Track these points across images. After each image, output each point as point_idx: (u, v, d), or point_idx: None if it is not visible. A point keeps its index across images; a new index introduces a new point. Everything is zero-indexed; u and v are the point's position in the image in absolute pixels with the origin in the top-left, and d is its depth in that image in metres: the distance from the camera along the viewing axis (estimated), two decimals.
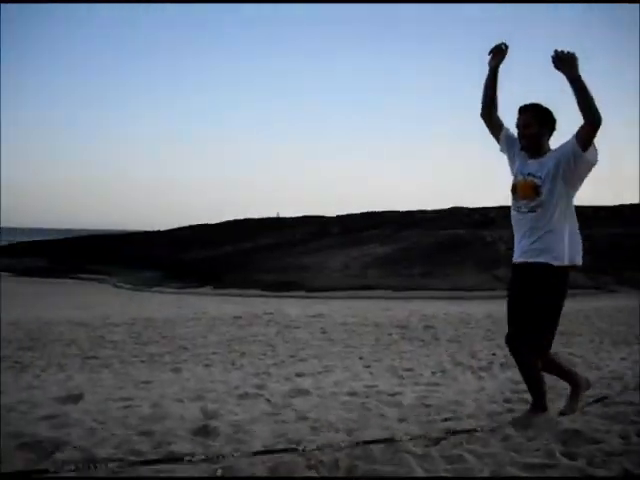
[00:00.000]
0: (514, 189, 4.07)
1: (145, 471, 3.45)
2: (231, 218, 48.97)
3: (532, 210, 3.92)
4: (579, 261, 3.97)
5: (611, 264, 26.37)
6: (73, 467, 3.39)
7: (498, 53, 4.16)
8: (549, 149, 3.99)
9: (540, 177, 3.90)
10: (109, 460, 3.58)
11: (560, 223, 3.89)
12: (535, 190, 3.91)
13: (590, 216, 33.03)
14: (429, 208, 40.79)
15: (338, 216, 45.35)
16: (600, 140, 3.79)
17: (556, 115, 4.01)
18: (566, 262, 3.89)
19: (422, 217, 38.11)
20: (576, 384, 4.39)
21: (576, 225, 4.00)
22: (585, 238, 4.04)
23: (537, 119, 3.95)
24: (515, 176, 4.08)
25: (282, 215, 47.87)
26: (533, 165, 3.98)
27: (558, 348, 9.32)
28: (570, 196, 3.95)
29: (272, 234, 40.39)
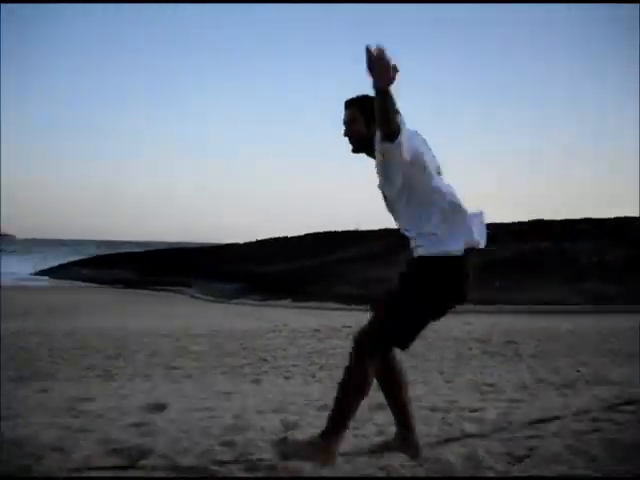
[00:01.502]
0: None
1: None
2: (311, 231, 49.18)
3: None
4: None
5: None
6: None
7: None
8: None
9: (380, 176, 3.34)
10: (192, 468, 3.68)
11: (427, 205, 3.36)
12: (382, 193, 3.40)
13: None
14: (510, 220, 39.91)
15: None
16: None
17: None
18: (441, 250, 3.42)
19: (505, 230, 37.40)
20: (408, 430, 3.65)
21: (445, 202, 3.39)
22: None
23: (366, 115, 3.25)
24: None
25: (361, 228, 47.62)
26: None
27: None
28: (415, 176, 3.28)
29: (352, 247, 40.36)
